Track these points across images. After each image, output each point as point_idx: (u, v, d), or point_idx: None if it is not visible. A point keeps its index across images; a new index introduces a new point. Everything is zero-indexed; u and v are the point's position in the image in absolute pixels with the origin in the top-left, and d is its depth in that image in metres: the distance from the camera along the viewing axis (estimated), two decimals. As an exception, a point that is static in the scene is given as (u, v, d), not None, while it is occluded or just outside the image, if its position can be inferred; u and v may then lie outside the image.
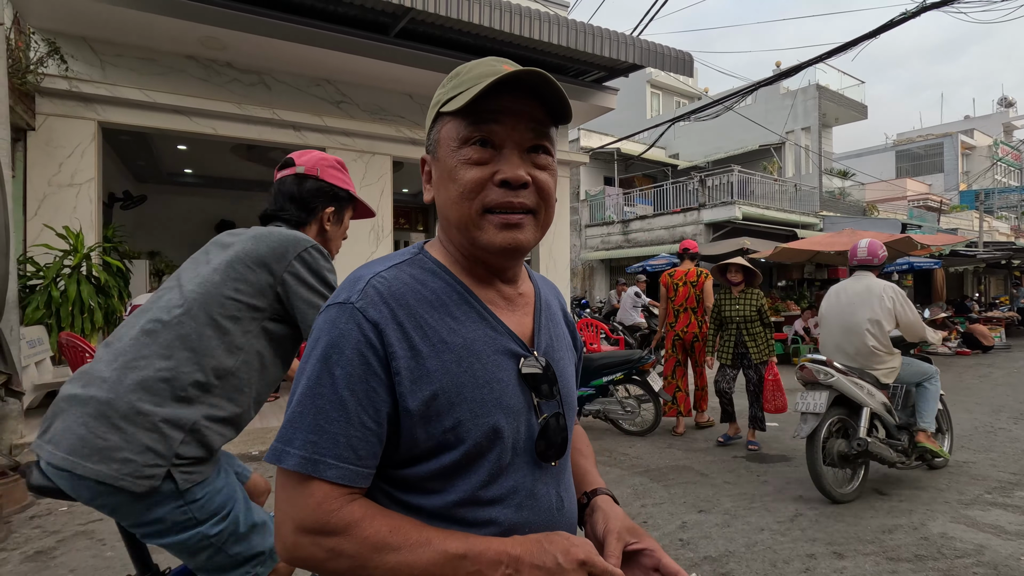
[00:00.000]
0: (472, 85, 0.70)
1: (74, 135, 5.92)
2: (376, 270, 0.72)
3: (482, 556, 0.64)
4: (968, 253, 14.97)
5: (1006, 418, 5.83)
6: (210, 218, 11.86)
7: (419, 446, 0.68)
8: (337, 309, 0.68)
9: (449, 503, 0.69)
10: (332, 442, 0.64)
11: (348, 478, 0.65)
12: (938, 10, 4.73)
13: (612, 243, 17.02)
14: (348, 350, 0.66)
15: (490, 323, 0.74)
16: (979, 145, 30.64)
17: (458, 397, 0.68)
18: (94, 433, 1.15)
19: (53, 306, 5.19)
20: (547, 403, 0.76)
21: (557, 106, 0.73)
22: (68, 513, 3.38)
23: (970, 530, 3.13)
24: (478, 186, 0.70)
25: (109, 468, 1.13)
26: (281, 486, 0.66)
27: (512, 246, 0.71)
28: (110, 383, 1.19)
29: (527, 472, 0.73)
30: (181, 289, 1.33)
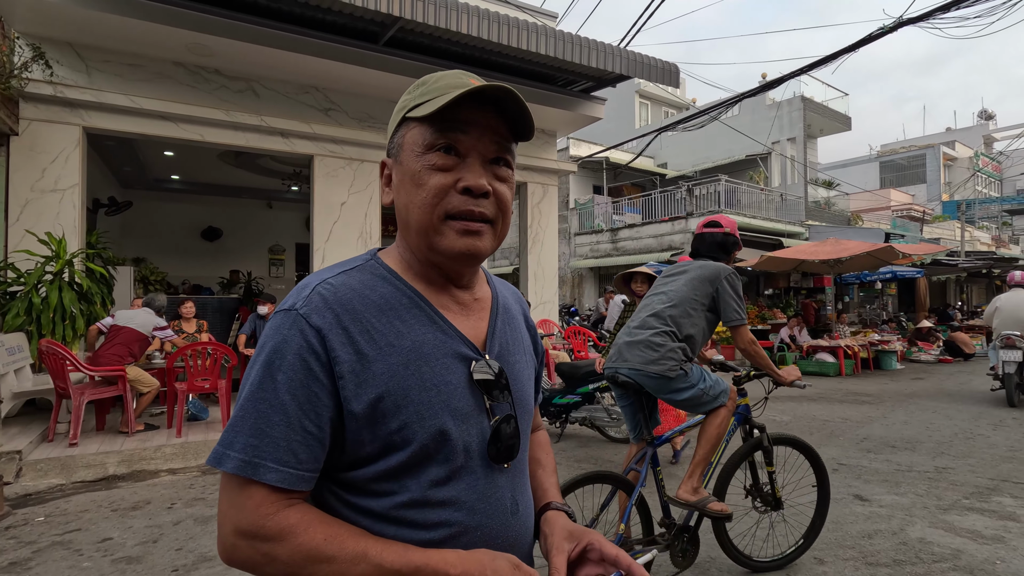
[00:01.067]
0: (440, 94, 0.72)
1: (58, 140, 5.87)
2: (323, 277, 0.73)
3: (419, 573, 0.64)
4: (950, 262, 15.23)
5: (985, 424, 5.92)
6: (197, 224, 11.79)
7: (365, 448, 0.69)
8: (282, 316, 0.69)
9: (398, 504, 0.69)
10: (272, 446, 0.65)
11: (288, 482, 0.65)
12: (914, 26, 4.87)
13: (601, 251, 17.11)
14: (290, 355, 0.67)
15: (440, 327, 0.75)
16: (960, 156, 31.25)
17: (404, 399, 0.69)
18: (647, 355, 2.50)
19: (34, 313, 5.12)
20: (499, 406, 0.77)
21: (520, 123, 0.75)
22: (45, 523, 3.33)
23: (947, 535, 3.17)
24: (441, 191, 0.72)
25: (659, 367, 2.47)
26: (223, 488, 0.67)
27: (471, 252, 0.73)
28: (643, 335, 2.55)
29: (480, 475, 0.74)
30: (667, 295, 2.64)
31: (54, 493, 3.87)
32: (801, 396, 7.69)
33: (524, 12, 8.03)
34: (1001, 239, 27.22)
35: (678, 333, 2.53)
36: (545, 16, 8.79)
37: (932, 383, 8.79)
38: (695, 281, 2.59)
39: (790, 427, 5.84)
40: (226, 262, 11.65)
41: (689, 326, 2.54)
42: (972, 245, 22.11)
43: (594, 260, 16.96)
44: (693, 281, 2.59)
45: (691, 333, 2.55)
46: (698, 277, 2.59)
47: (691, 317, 2.54)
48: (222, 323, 8.23)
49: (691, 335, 2.55)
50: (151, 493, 3.87)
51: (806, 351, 10.18)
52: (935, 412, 6.51)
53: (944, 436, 5.44)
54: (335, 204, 7.49)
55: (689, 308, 2.56)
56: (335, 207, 7.49)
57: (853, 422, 6.06)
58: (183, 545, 3.03)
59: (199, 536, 3.15)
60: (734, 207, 15.10)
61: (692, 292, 2.58)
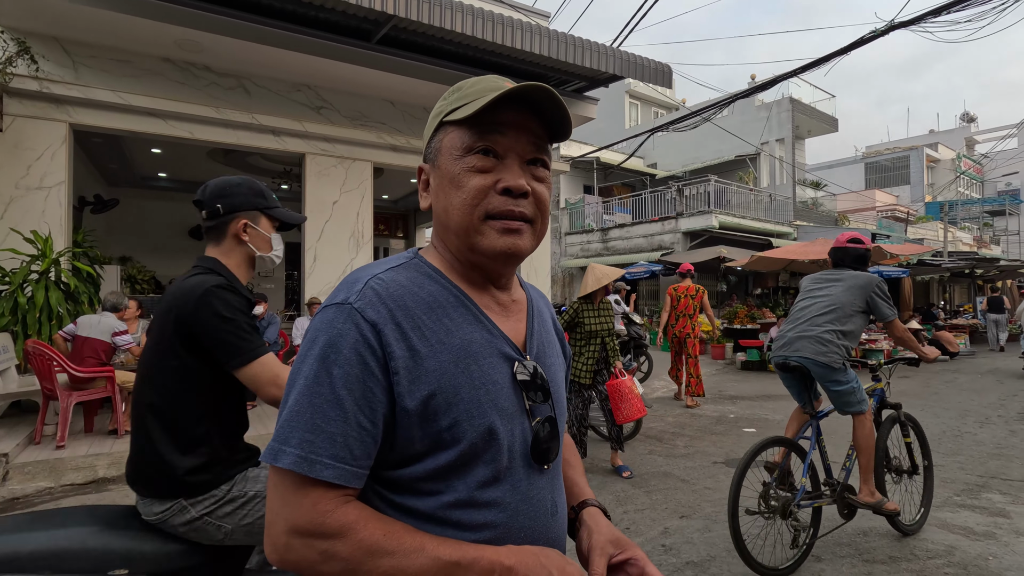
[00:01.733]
0: (476, 98, 0.72)
1: (44, 137, 5.76)
2: (373, 272, 0.72)
3: (475, 564, 0.64)
4: (934, 263, 15.47)
5: (972, 422, 6.02)
6: (184, 223, 11.64)
7: (415, 446, 0.68)
8: (335, 309, 0.68)
9: (443, 504, 0.69)
10: (329, 442, 0.64)
11: (344, 478, 0.64)
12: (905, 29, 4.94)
13: (591, 251, 17.16)
14: (346, 350, 0.66)
15: (486, 326, 0.75)
16: (943, 158, 31.78)
17: (455, 397, 0.68)
18: (817, 347, 3.03)
19: (19, 313, 5.02)
20: (539, 407, 0.77)
21: (557, 122, 0.76)
22: (35, 528, 3.26)
23: (941, 531, 3.22)
24: (481, 193, 0.72)
25: (827, 358, 2.99)
26: (274, 486, 0.65)
27: (511, 251, 0.74)
28: (814, 332, 3.07)
29: (522, 476, 0.74)
30: (829, 298, 3.13)
31: (42, 496, 3.79)
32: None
33: (517, 11, 8.02)
34: (982, 240, 27.73)
35: (842, 331, 3.07)
36: (538, 15, 8.78)
37: (918, 381, 8.92)
38: (853, 289, 3.11)
39: (782, 425, 5.88)
40: (214, 261, 11.51)
41: (849, 325, 3.08)
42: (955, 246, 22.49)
43: (584, 260, 17.00)
44: (851, 289, 3.12)
45: (851, 330, 3.10)
46: (855, 286, 3.11)
47: (851, 318, 3.09)
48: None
49: (851, 331, 3.10)
50: (143, 496, 3.80)
51: (795, 350, 10.28)
52: (923, 410, 6.60)
53: (932, 434, 5.52)
54: (327, 203, 7.43)
55: (848, 311, 3.09)
56: (327, 206, 7.43)
57: (843, 420, 6.12)
58: (178, 549, 2.98)
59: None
60: (724, 207, 15.22)
61: (851, 298, 3.10)
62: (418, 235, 13.83)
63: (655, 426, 5.89)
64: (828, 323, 3.07)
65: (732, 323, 11.84)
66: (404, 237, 13.96)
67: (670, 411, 6.72)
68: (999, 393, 7.80)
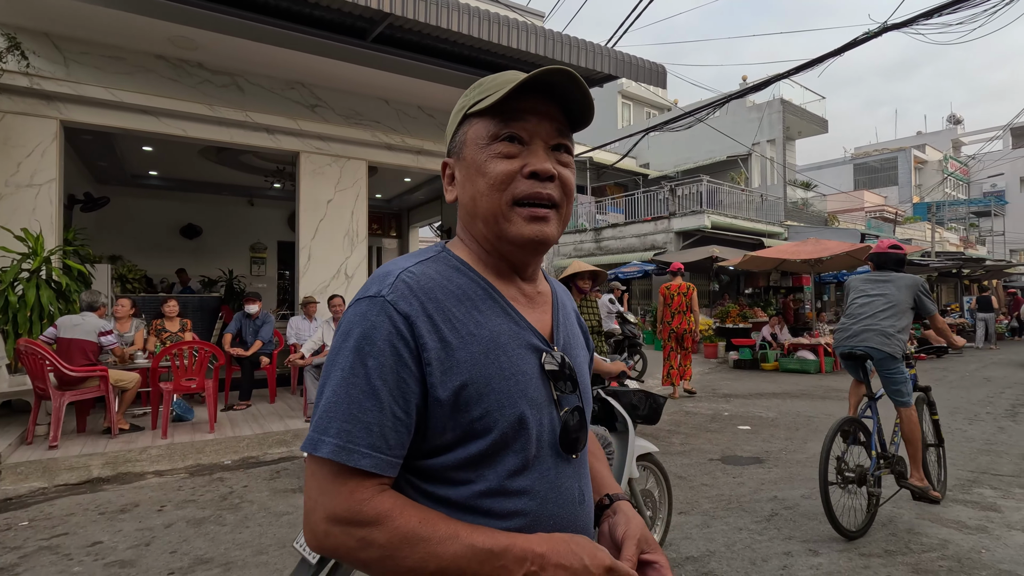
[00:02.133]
0: (498, 89, 0.74)
1: (34, 134, 5.69)
2: (404, 265, 0.74)
3: (508, 552, 0.65)
4: (922, 262, 15.66)
5: (961, 419, 6.11)
6: (175, 222, 11.54)
7: (447, 436, 0.69)
8: (368, 302, 0.69)
9: (475, 493, 0.70)
10: (366, 431, 0.65)
11: (380, 467, 0.66)
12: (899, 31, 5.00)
13: (584, 250, 17.20)
14: (380, 341, 0.67)
15: (513, 318, 0.76)
16: (931, 160, 32.17)
17: (486, 387, 0.69)
18: (882, 340, 3.45)
19: (10, 312, 4.96)
20: (567, 397, 0.78)
21: (579, 108, 0.77)
22: (30, 527, 3.22)
23: (934, 526, 3.27)
24: (508, 178, 0.73)
25: (889, 349, 3.43)
26: (312, 475, 0.67)
27: (539, 238, 0.75)
28: (878, 326, 3.48)
29: (551, 465, 0.75)
30: (885, 297, 3.53)
31: (36, 497, 3.75)
32: (785, 393, 7.84)
33: (513, 11, 8.02)
34: (969, 240, 28.10)
35: (900, 327, 3.48)
36: (533, 15, 8.79)
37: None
38: (903, 289, 3.54)
39: (776, 423, 5.94)
40: (206, 260, 11.42)
41: (904, 320, 3.49)
42: (942, 246, 22.78)
43: (578, 259, 17.04)
44: (902, 289, 3.54)
45: (905, 325, 3.51)
46: (905, 286, 3.55)
47: (904, 314, 3.50)
48: (204, 322, 8.06)
49: (905, 327, 3.51)
50: (139, 495, 3.77)
51: (787, 349, 10.38)
52: (913, 407, 6.68)
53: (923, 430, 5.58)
54: (321, 201, 7.40)
55: (901, 308, 3.51)
56: (321, 204, 7.40)
57: (837, 418, 6.18)
58: (177, 548, 2.96)
59: (193, 538, 3.08)
60: (716, 207, 15.31)
61: (903, 296, 3.52)
62: (411, 235, 13.79)
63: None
64: (888, 318, 3.51)
65: (724, 322, 11.92)
66: (397, 236, 13.91)
67: (665, 409, 6.75)
68: (987, 391, 7.91)
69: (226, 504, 3.62)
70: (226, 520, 3.35)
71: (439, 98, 7.68)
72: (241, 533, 3.16)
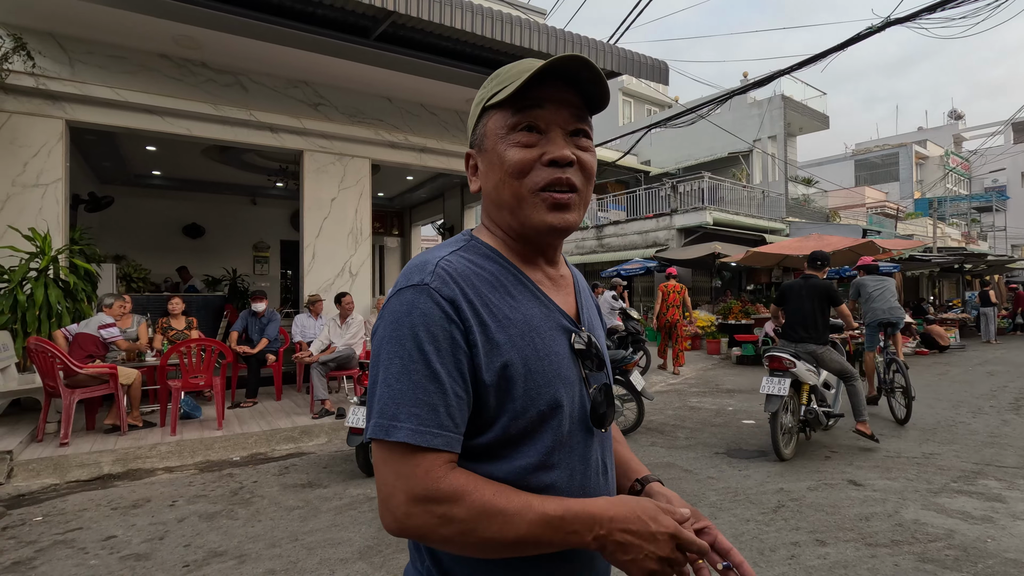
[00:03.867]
0: (514, 80, 0.75)
1: (40, 134, 5.72)
2: (439, 255, 0.76)
3: (578, 517, 0.68)
4: (924, 258, 15.66)
5: (965, 412, 6.13)
6: (178, 221, 11.55)
7: (489, 415, 0.72)
8: (413, 291, 0.71)
9: (516, 469, 0.72)
10: (433, 413, 0.67)
11: (451, 445, 0.68)
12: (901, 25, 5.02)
13: (586, 248, 17.21)
14: (433, 326, 0.69)
15: (543, 301, 0.79)
16: (932, 155, 32.12)
17: (524, 368, 0.72)
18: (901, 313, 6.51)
19: (19, 311, 4.99)
20: (595, 375, 0.81)
21: (595, 92, 0.78)
22: (44, 523, 3.26)
23: (940, 516, 3.29)
24: (527, 167, 0.75)
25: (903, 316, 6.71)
26: (385, 461, 0.68)
27: (562, 226, 0.77)
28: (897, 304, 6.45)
29: (580, 440, 0.78)
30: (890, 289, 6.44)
31: (48, 493, 3.78)
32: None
33: (515, 8, 8.03)
34: (970, 235, 28.08)
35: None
36: (534, 13, 8.80)
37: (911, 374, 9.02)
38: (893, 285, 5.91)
39: (780, 417, 5.96)
40: (209, 260, 11.44)
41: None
42: (943, 241, 22.77)
43: (580, 257, 17.06)
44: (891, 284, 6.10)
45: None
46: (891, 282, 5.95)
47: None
48: (208, 321, 8.09)
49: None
50: (150, 491, 3.80)
51: (790, 344, 10.38)
52: (917, 402, 6.69)
53: (928, 424, 5.62)
54: (325, 200, 7.42)
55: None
56: (325, 203, 7.42)
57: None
58: (191, 541, 2.99)
59: (206, 532, 3.11)
60: (717, 204, 15.32)
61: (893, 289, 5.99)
62: (413, 233, 13.81)
63: (656, 419, 5.94)
64: (896, 300, 6.03)
65: (727, 319, 11.93)
66: (400, 235, 13.94)
67: (670, 404, 6.79)
68: (990, 385, 7.93)
69: (237, 499, 3.65)
70: (238, 514, 3.38)
71: (442, 96, 7.70)
72: (253, 527, 3.19)
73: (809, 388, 4.60)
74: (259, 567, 2.71)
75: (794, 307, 4.81)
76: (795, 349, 4.68)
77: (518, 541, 0.67)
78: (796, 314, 4.78)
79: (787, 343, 4.81)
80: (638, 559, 0.68)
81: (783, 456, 4.36)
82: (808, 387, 4.58)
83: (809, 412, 4.54)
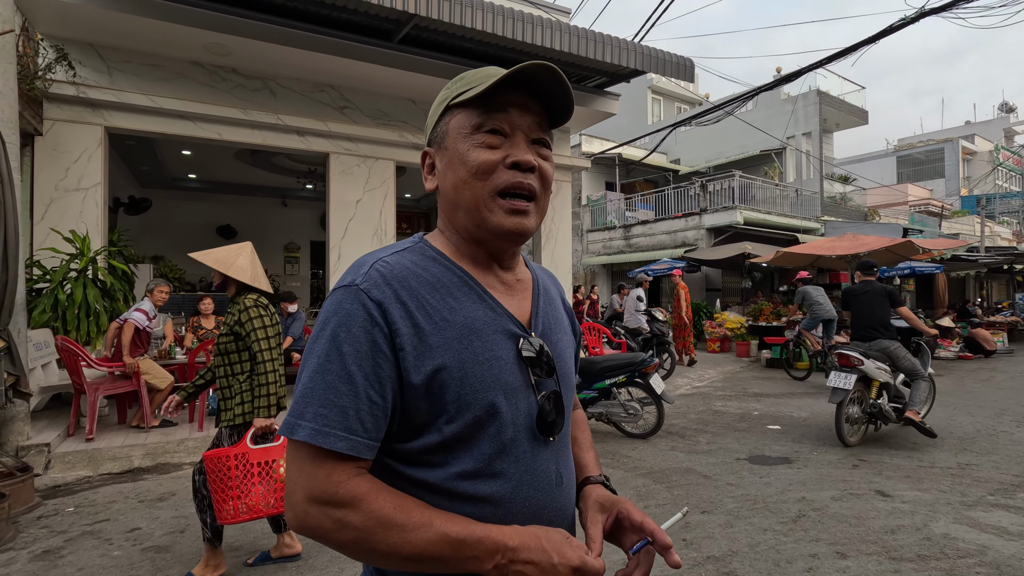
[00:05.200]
0: (480, 83, 0.75)
1: (81, 140, 5.97)
2: (379, 256, 0.76)
3: (480, 543, 0.67)
4: (970, 258, 14.97)
5: (1008, 421, 5.82)
6: (211, 223, 11.93)
7: (422, 419, 0.71)
8: (343, 291, 0.72)
9: (451, 475, 0.71)
10: (341, 415, 0.67)
11: (355, 450, 0.68)
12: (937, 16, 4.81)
13: (614, 248, 17.04)
14: (355, 328, 0.69)
15: (489, 305, 0.77)
16: (980, 150, 30.64)
17: (459, 372, 0.71)
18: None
19: (59, 309, 5.22)
20: (544, 382, 0.79)
21: (559, 102, 0.78)
22: (75, 513, 3.40)
23: (973, 531, 3.13)
24: (490, 167, 0.75)
25: None
26: (292, 457, 0.69)
27: (519, 230, 0.77)
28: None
29: (527, 448, 0.76)
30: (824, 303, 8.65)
31: (82, 485, 3.95)
32: (819, 393, 7.61)
33: (537, 8, 8.02)
34: (1022, 234, 26.69)
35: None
36: (558, 12, 8.76)
37: (952, 380, 8.65)
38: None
39: (808, 423, 5.79)
40: (242, 260, 11.76)
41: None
42: (992, 240, 21.71)
43: (606, 257, 16.91)
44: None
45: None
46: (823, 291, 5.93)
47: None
48: (240, 320, 8.32)
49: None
50: (175, 485, 3.94)
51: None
52: (956, 408, 6.41)
53: (967, 432, 5.36)
54: (350, 201, 7.55)
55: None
56: (350, 204, 7.55)
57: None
58: (209, 535, 3.08)
59: (224, 527, 3.20)
60: (748, 203, 14.96)
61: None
62: (439, 219, 13.89)
63: (678, 423, 5.84)
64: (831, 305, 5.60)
65: (757, 320, 11.64)
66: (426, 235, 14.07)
67: (693, 407, 6.66)
68: (1038, 392, 7.52)
69: (257, 495, 3.74)
70: (256, 510, 3.46)
71: (465, 97, 7.73)
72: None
73: (880, 384, 4.91)
74: (271, 562, 2.77)
75: (859, 310, 5.19)
76: (867, 348, 5.02)
77: (415, 556, 0.66)
78: (863, 316, 5.14)
79: (859, 343, 5.13)
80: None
81: (847, 443, 4.78)
82: (878, 384, 4.90)
83: (873, 407, 4.85)
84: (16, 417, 4.15)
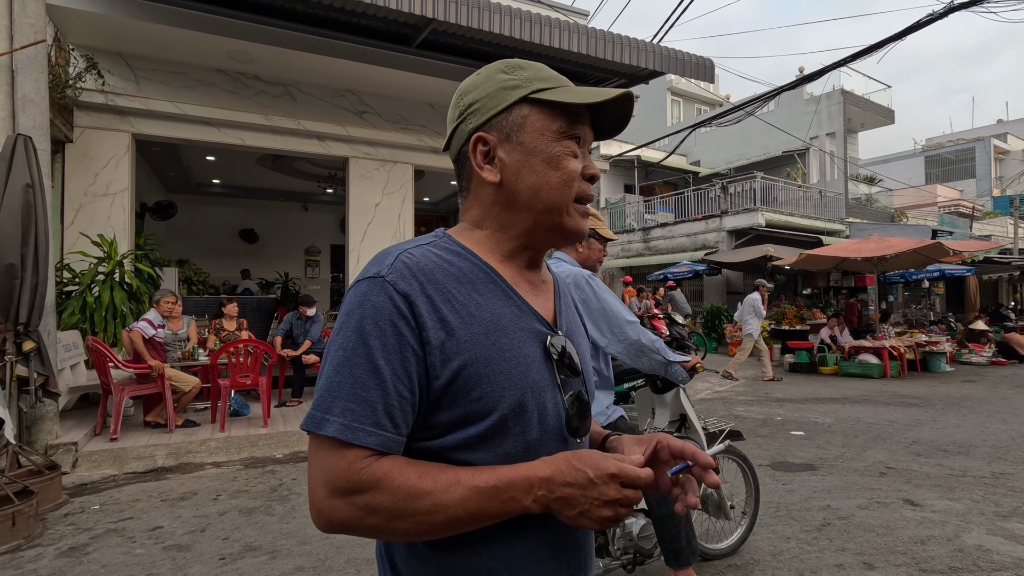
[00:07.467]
0: (555, 85, 0.78)
1: (109, 147, 6.14)
2: (403, 248, 0.74)
3: (513, 484, 0.66)
4: (1002, 260, 14.52)
5: (1045, 429, 5.61)
6: (235, 227, 12.15)
7: (446, 416, 0.69)
8: (368, 283, 0.70)
9: None
10: (370, 410, 0.65)
11: (386, 445, 0.66)
12: (967, 10, 4.66)
13: (633, 251, 16.92)
14: (381, 321, 0.67)
15: (515, 302, 0.76)
16: (1013, 149, 29.71)
17: (486, 369, 0.69)
18: None
19: (87, 311, 5.36)
20: (570, 381, 0.78)
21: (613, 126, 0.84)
22: (100, 511, 3.47)
23: (1008, 543, 3.02)
24: (576, 176, 0.78)
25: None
26: (314, 454, 0.67)
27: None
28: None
29: (553, 448, 0.74)
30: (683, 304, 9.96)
31: (107, 483, 4.03)
32: (844, 398, 7.44)
33: (556, 11, 8.01)
34: (1058, 235, 25.78)
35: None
36: (576, 14, 8.74)
37: (985, 386, 8.38)
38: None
39: (832, 429, 5.65)
40: (263, 263, 11.97)
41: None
42: (1026, 242, 21.00)
43: (626, 260, 16.79)
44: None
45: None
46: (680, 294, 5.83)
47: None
48: (261, 322, 8.45)
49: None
50: (197, 485, 3.99)
51: (848, 352, 9.85)
52: (989, 416, 6.20)
53: (1000, 440, 5.18)
54: (369, 205, 7.61)
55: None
56: (369, 208, 7.61)
57: (901, 425, 5.83)
58: (229, 535, 3.12)
59: (244, 527, 3.23)
60: (771, 204, 14.74)
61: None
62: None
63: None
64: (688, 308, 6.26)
65: (780, 324, 11.44)
66: (445, 239, 14.14)
67: (714, 413, 6.56)
68: (1077, 399, 7.24)
69: (276, 495, 3.78)
70: (275, 510, 3.50)
71: (483, 101, 7.75)
72: (288, 523, 3.29)
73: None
74: (289, 563, 2.79)
75: None
76: None
77: (452, 520, 0.65)
78: None
79: None
80: (586, 510, 0.66)
81: None
82: None
83: None
84: (45, 416, 4.25)
